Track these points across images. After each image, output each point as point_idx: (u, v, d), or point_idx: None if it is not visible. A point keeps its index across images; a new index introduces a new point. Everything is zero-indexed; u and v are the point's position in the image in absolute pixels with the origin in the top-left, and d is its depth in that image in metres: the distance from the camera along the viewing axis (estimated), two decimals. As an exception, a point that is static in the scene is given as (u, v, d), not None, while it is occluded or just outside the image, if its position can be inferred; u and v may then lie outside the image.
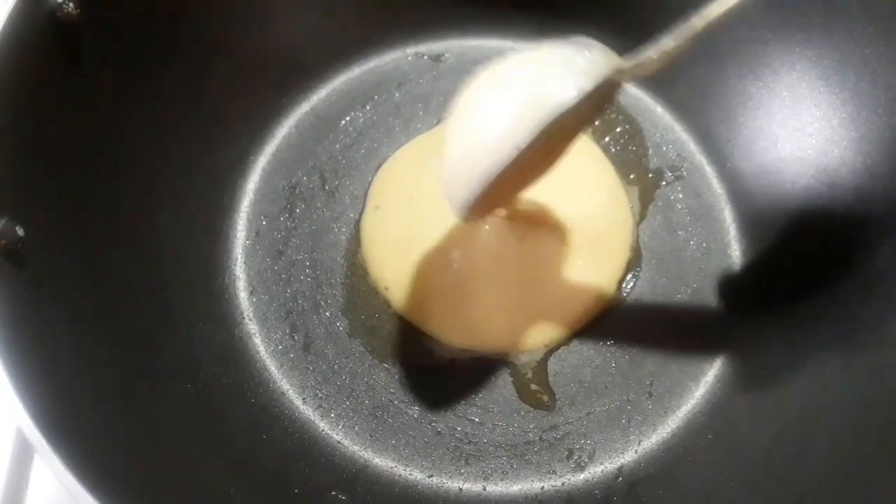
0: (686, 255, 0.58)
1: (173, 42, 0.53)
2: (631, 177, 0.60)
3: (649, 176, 0.61)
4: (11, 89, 0.41)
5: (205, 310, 0.54)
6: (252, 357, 0.54)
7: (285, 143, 0.61)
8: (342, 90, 0.64)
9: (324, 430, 0.51)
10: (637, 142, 0.62)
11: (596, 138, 0.62)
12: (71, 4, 0.44)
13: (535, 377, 0.53)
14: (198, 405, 0.48)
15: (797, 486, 0.44)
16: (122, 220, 0.50)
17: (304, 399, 0.52)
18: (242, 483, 0.46)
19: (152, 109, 0.52)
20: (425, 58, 0.65)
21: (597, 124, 0.62)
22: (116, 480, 0.35)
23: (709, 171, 0.61)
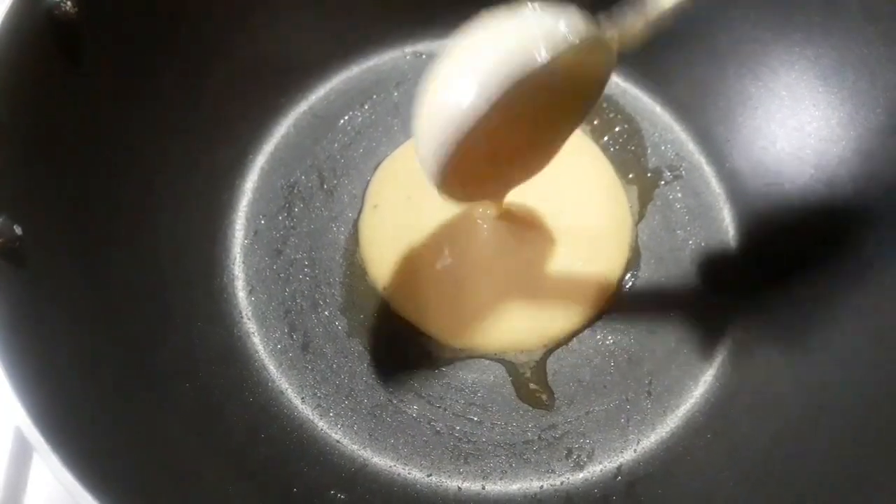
0: (685, 255, 0.58)
1: (172, 42, 0.53)
2: (630, 176, 0.60)
3: (648, 175, 0.61)
4: (9, 88, 0.41)
5: (203, 309, 0.54)
6: (251, 356, 0.54)
7: (284, 143, 0.61)
8: (341, 89, 0.64)
9: (322, 430, 0.51)
10: (636, 141, 0.62)
11: (595, 138, 0.62)
12: (69, 3, 0.44)
13: (534, 376, 0.53)
14: (196, 404, 0.48)
15: (797, 486, 0.44)
16: (120, 219, 0.50)
17: (302, 398, 0.52)
18: (241, 482, 0.46)
19: (151, 109, 0.52)
20: (424, 57, 0.65)
21: (595, 123, 0.62)
22: (115, 479, 0.35)
23: (707, 170, 0.61)
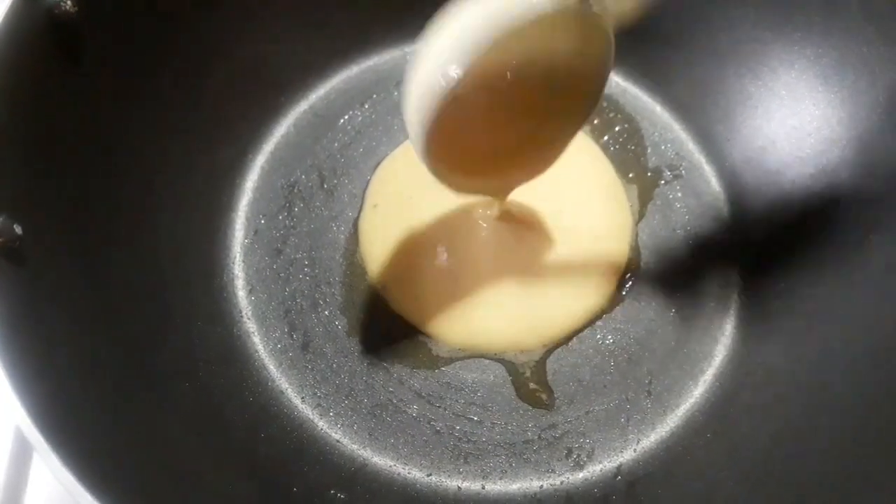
0: (685, 254, 0.58)
1: (172, 42, 0.53)
2: (630, 175, 0.60)
3: (648, 175, 0.61)
4: (9, 87, 0.41)
5: (203, 309, 0.54)
6: (251, 356, 0.54)
7: (284, 142, 0.61)
8: (341, 89, 0.64)
9: (322, 429, 0.51)
10: (636, 141, 0.62)
11: (595, 137, 0.62)
12: (69, 3, 0.44)
13: (534, 376, 0.53)
14: (196, 404, 0.48)
15: (797, 486, 0.44)
16: (120, 219, 0.50)
17: (302, 398, 0.52)
18: (241, 481, 0.46)
19: (151, 109, 0.52)
20: (424, 57, 0.65)
21: (595, 123, 0.62)
22: (115, 479, 0.35)
23: (707, 170, 0.61)
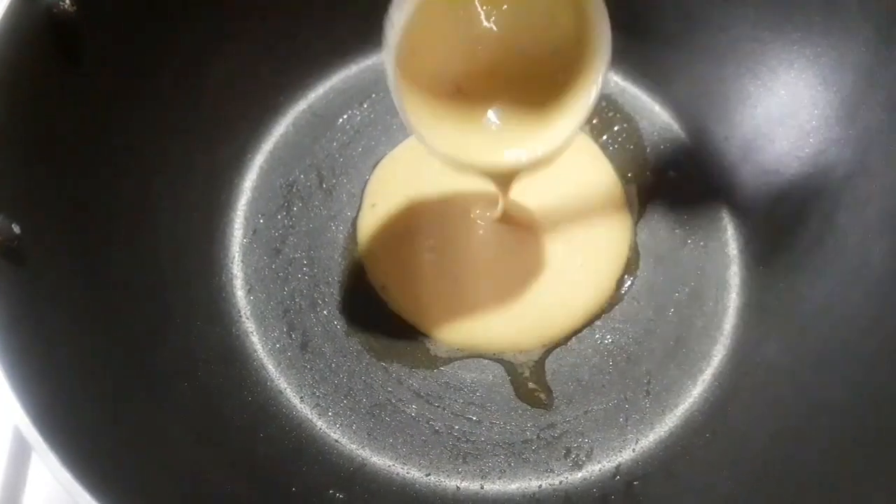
0: (684, 254, 0.58)
1: (172, 41, 0.53)
2: (629, 175, 0.60)
3: (648, 175, 0.60)
4: (8, 87, 0.41)
5: (203, 308, 0.54)
6: (250, 355, 0.54)
7: (283, 142, 0.61)
8: (340, 88, 0.64)
9: (321, 429, 0.51)
10: (635, 140, 0.62)
11: (594, 136, 0.62)
12: (67, 2, 0.44)
13: (533, 376, 0.53)
14: (195, 403, 0.48)
15: (796, 485, 0.44)
16: (120, 218, 0.50)
17: (301, 397, 0.52)
18: (240, 481, 0.46)
19: (151, 108, 0.52)
20: (423, 56, 0.65)
21: (594, 122, 0.62)
22: (113, 479, 0.35)
23: (707, 169, 0.60)
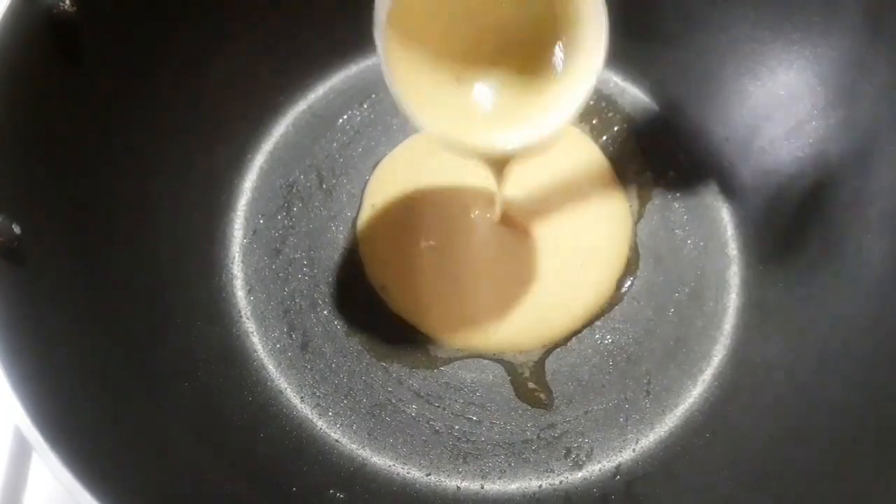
0: (684, 254, 0.58)
1: (172, 42, 0.53)
2: (629, 176, 0.60)
3: (647, 175, 0.60)
4: (8, 87, 0.41)
5: (203, 308, 0.54)
6: (250, 356, 0.54)
7: (283, 142, 0.61)
8: (340, 88, 0.64)
9: (322, 429, 0.51)
10: (634, 141, 0.62)
11: (593, 137, 0.62)
12: (68, 2, 0.44)
13: (533, 376, 0.53)
14: (195, 403, 0.48)
15: (797, 486, 0.44)
16: (120, 219, 0.50)
17: (301, 398, 0.52)
18: (240, 481, 0.46)
19: (151, 109, 0.52)
20: (423, 56, 0.65)
21: (594, 123, 0.62)
22: (114, 478, 0.35)
23: (706, 170, 0.60)
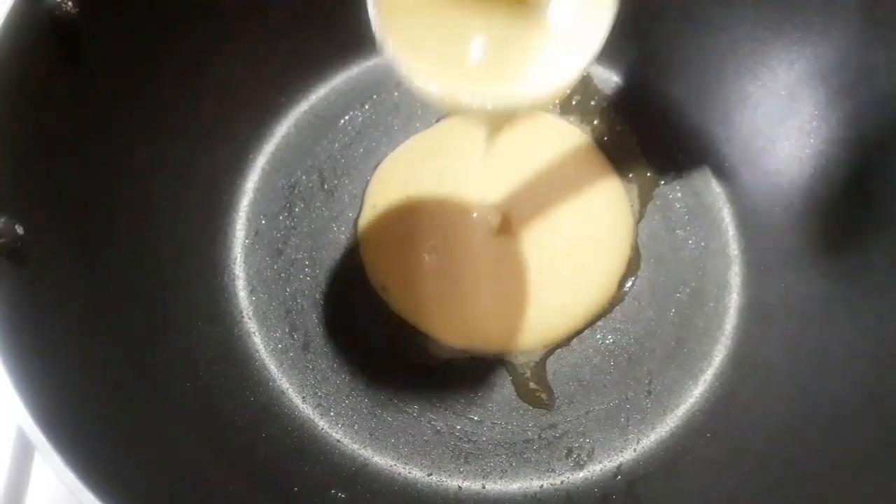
0: (685, 255, 0.58)
1: (172, 42, 0.53)
2: (629, 176, 0.60)
3: (648, 175, 0.61)
4: (10, 88, 0.41)
5: (204, 309, 0.54)
6: (251, 356, 0.54)
7: (284, 143, 0.61)
8: (341, 89, 0.64)
9: (323, 429, 0.51)
10: (635, 141, 0.62)
11: (594, 138, 0.62)
12: (70, 3, 0.44)
13: (534, 376, 0.53)
14: (197, 404, 0.48)
15: (796, 485, 0.44)
16: (120, 219, 0.50)
17: (303, 398, 0.52)
18: (242, 481, 0.46)
19: (151, 109, 0.52)
20: (424, 57, 0.65)
21: (595, 123, 0.62)
22: (116, 478, 0.35)
23: (707, 170, 0.60)
